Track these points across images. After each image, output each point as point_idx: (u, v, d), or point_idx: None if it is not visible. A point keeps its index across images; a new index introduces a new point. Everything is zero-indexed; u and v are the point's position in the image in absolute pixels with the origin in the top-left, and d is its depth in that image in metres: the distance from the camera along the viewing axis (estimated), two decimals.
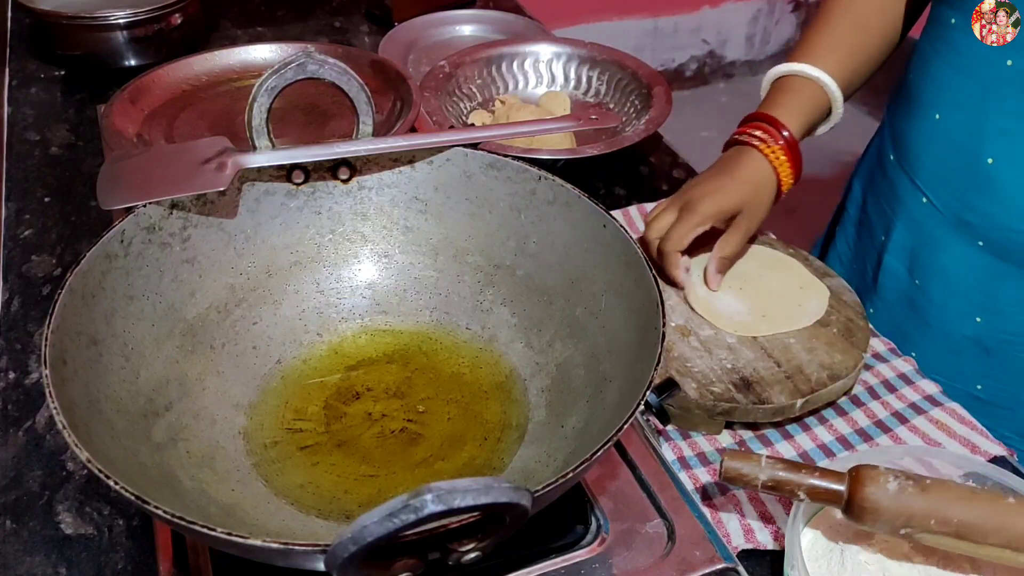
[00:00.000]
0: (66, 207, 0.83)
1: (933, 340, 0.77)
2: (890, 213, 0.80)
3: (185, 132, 0.83)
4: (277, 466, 0.50)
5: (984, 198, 0.70)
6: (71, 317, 0.44)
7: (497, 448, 0.51)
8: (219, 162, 0.51)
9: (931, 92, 0.73)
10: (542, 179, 0.55)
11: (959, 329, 0.75)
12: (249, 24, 1.18)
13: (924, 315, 0.77)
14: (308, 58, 0.51)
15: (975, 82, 0.69)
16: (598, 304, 0.52)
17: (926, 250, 0.76)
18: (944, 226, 0.74)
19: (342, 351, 0.57)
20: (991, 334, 0.73)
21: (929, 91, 0.73)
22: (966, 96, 0.70)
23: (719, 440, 0.62)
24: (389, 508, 0.30)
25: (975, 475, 0.54)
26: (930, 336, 0.77)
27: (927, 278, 0.76)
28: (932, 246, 0.75)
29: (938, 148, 0.73)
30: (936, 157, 0.73)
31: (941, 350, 0.76)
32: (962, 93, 0.70)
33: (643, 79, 0.98)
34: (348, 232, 0.59)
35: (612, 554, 0.47)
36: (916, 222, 0.77)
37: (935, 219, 0.74)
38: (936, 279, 0.76)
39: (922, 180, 0.75)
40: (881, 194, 0.82)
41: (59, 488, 0.57)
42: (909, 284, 0.78)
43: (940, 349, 0.76)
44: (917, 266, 0.77)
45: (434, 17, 1.16)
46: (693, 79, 2.79)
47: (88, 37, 1.00)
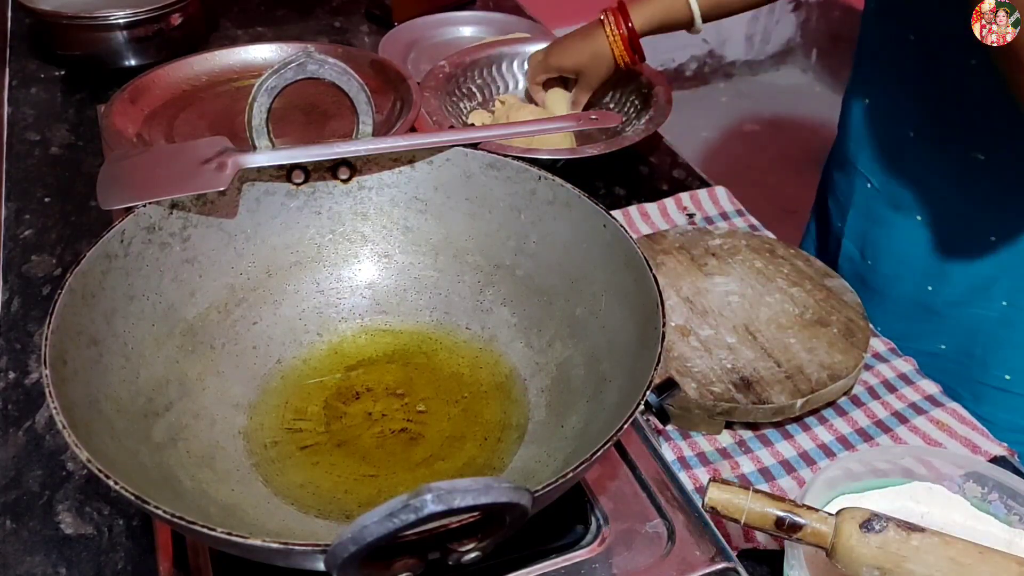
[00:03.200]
0: (66, 207, 0.83)
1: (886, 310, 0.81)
2: (844, 202, 0.87)
3: (185, 132, 0.83)
4: (277, 466, 0.50)
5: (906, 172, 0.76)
6: (71, 317, 0.44)
7: (497, 448, 0.51)
8: (219, 162, 0.51)
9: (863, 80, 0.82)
10: (542, 179, 0.55)
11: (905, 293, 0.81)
12: (249, 24, 1.18)
13: (877, 289, 0.83)
14: (308, 58, 0.51)
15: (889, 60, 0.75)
16: (598, 304, 0.52)
17: (874, 230, 0.82)
18: (885, 206, 0.80)
19: (342, 351, 0.57)
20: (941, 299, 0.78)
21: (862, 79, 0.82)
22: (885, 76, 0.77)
23: (719, 440, 0.62)
24: (389, 508, 0.30)
25: (976, 475, 0.54)
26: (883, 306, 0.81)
27: (876, 255, 0.83)
28: (879, 226, 0.82)
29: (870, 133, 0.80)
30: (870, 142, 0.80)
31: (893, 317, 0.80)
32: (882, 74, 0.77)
33: (643, 79, 0.98)
34: (348, 232, 0.59)
35: (612, 554, 0.47)
36: (865, 207, 0.83)
37: (877, 200, 0.81)
38: (883, 254, 0.82)
39: (864, 165, 0.82)
40: (838, 185, 0.88)
41: (59, 488, 0.57)
42: (862, 264, 0.85)
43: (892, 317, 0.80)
44: (867, 246, 0.84)
45: (434, 17, 1.16)
46: (693, 79, 2.79)
47: (88, 37, 1.00)
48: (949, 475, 0.55)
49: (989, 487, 0.54)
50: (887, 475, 0.55)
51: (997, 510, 0.54)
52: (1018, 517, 0.53)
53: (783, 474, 0.59)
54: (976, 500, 0.54)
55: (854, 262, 0.86)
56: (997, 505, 0.54)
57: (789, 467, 0.60)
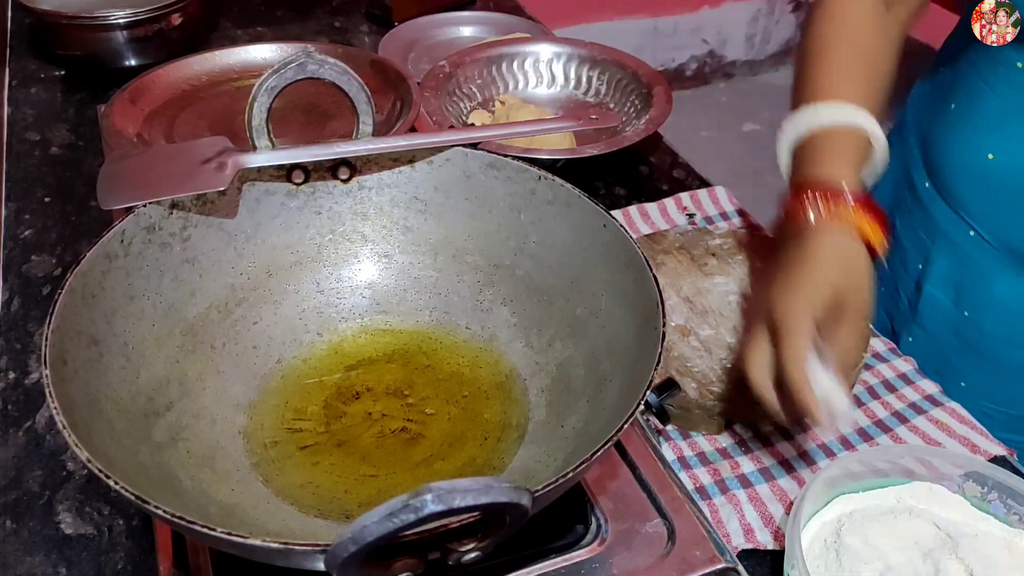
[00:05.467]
0: (66, 207, 0.83)
1: (984, 369, 0.73)
2: (928, 242, 0.75)
3: (185, 132, 0.83)
4: (277, 466, 0.50)
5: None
6: (71, 317, 0.44)
7: (497, 448, 0.51)
8: (219, 162, 0.51)
9: (983, 131, 0.67)
10: (542, 179, 0.55)
11: (1014, 358, 0.72)
12: (249, 24, 1.18)
13: (974, 345, 0.73)
14: (308, 58, 0.51)
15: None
16: (598, 304, 0.52)
17: (975, 281, 0.72)
18: (994, 258, 0.70)
19: (342, 351, 0.57)
20: None
21: (981, 130, 0.68)
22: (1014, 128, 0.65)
23: (719, 440, 0.62)
24: (389, 508, 0.30)
25: (975, 474, 0.54)
26: (981, 366, 0.73)
27: (978, 310, 0.72)
28: (981, 278, 0.71)
29: (992, 187, 0.68)
30: (988, 196, 0.69)
31: (993, 378, 0.73)
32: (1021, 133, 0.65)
33: (643, 79, 0.98)
34: (348, 232, 0.59)
35: (612, 554, 0.47)
36: (962, 254, 0.72)
37: (983, 251, 0.70)
38: (988, 311, 0.72)
39: (969, 214, 0.71)
40: (916, 221, 0.77)
41: (59, 488, 0.57)
42: (956, 315, 0.74)
43: (992, 377, 0.73)
44: (964, 297, 0.73)
45: (434, 17, 1.16)
46: (693, 79, 2.79)
47: (88, 37, 1.00)
48: (949, 475, 0.55)
49: (989, 487, 0.54)
50: (887, 475, 0.55)
51: (997, 510, 0.54)
52: (1018, 517, 0.53)
53: (783, 474, 0.59)
54: (976, 500, 0.54)
55: (942, 310, 0.75)
56: (997, 505, 0.54)
57: (789, 467, 0.60)
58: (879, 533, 0.52)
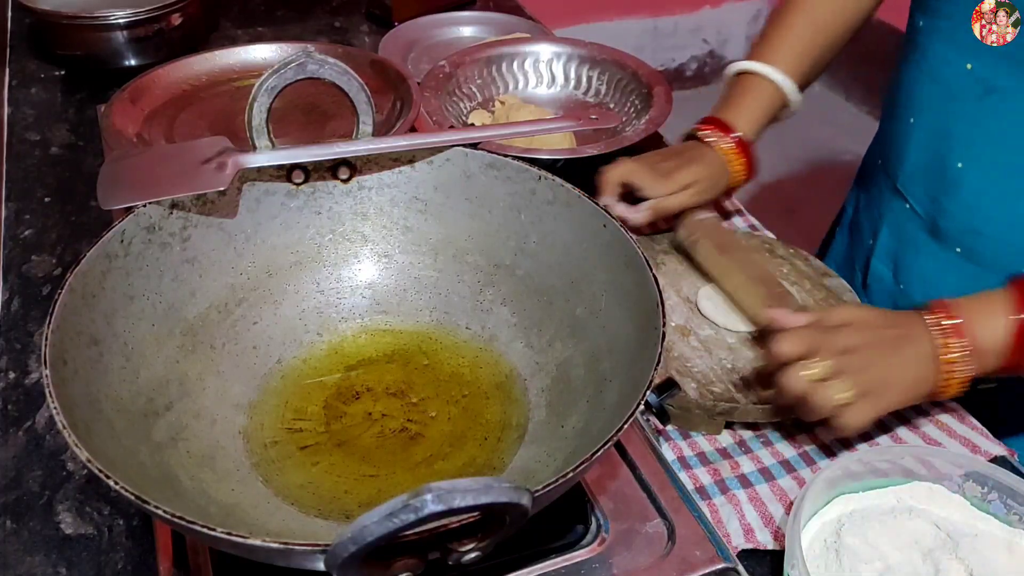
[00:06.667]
0: (66, 207, 0.83)
1: None
2: (877, 217, 0.81)
3: (185, 132, 0.83)
4: (277, 466, 0.50)
5: (955, 203, 0.71)
6: (71, 317, 0.44)
7: (497, 448, 0.51)
8: (219, 162, 0.51)
9: (903, 97, 0.76)
10: (542, 179, 0.55)
11: None
12: (249, 24, 1.18)
13: None
14: (308, 58, 0.51)
15: (941, 87, 0.70)
16: (598, 304, 0.52)
17: (908, 254, 0.77)
18: (923, 231, 0.75)
19: (342, 351, 0.57)
20: None
21: (902, 96, 0.76)
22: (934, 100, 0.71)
23: (719, 440, 0.62)
24: (389, 508, 0.30)
25: (975, 474, 0.54)
26: None
27: (909, 281, 0.78)
28: (913, 250, 0.77)
29: (913, 152, 0.75)
30: (912, 162, 0.75)
31: None
32: (930, 98, 0.72)
33: (643, 79, 0.98)
34: (348, 232, 0.59)
35: (612, 554, 0.47)
36: (899, 226, 0.78)
37: (915, 223, 0.76)
38: (917, 282, 0.77)
39: (902, 184, 0.77)
40: (871, 198, 0.83)
41: (59, 488, 0.57)
42: (894, 287, 0.80)
43: None
44: (900, 270, 0.79)
45: (434, 17, 1.16)
46: (693, 79, 2.79)
47: (88, 37, 1.00)
48: (949, 475, 0.55)
49: (989, 487, 0.54)
50: (887, 475, 0.55)
51: (997, 510, 0.54)
52: (1018, 517, 0.53)
53: (783, 474, 0.59)
54: (976, 500, 0.54)
55: (884, 283, 0.81)
56: (997, 505, 0.54)
57: (789, 467, 0.60)
58: (879, 533, 0.52)
